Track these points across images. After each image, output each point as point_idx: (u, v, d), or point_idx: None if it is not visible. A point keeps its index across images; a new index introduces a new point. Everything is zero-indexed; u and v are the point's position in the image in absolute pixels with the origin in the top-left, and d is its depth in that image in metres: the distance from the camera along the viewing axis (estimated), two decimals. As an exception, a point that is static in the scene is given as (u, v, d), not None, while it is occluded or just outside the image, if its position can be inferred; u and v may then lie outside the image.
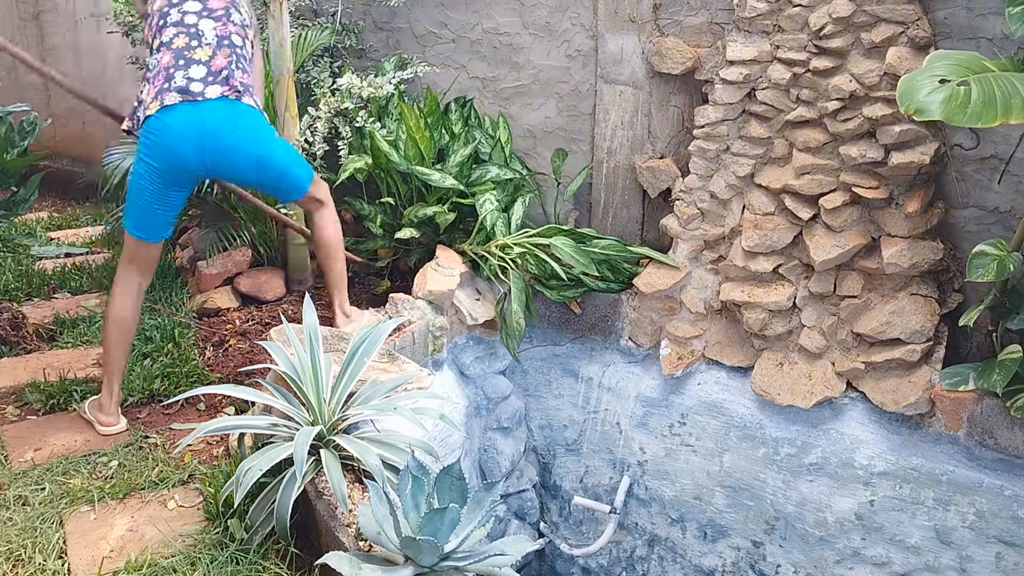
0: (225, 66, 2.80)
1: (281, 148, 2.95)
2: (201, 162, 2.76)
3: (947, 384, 2.96)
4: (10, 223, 4.81)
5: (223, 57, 2.81)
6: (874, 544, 3.15)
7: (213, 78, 2.77)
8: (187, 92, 2.72)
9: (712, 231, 3.40)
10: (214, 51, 2.81)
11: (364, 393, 2.48)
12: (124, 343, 2.90)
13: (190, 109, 2.71)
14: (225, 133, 2.75)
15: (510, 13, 3.83)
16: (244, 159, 2.82)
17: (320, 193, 3.08)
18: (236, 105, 2.79)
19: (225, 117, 2.76)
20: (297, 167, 3.00)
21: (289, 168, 2.97)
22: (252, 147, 2.82)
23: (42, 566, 2.23)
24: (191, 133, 2.71)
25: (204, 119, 2.72)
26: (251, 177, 2.95)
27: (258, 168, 2.87)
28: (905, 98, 2.44)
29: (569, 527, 3.92)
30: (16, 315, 3.59)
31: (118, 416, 2.91)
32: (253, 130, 2.83)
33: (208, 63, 2.78)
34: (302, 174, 3.01)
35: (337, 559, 1.97)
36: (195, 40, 2.81)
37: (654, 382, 3.58)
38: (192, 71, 2.76)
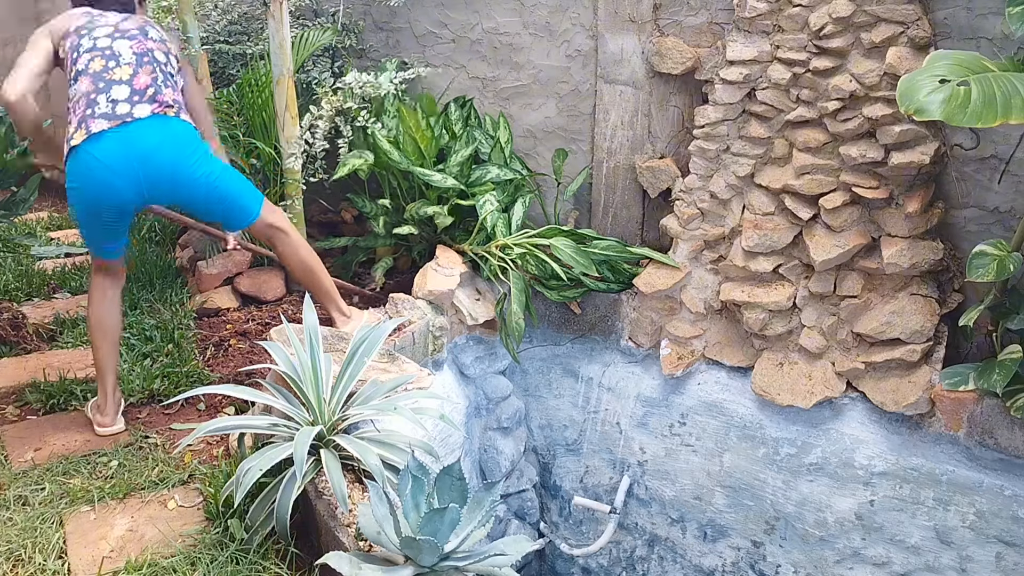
0: (150, 83, 2.66)
1: (224, 169, 2.81)
2: (138, 191, 2.62)
3: (947, 384, 2.96)
4: (10, 223, 4.81)
5: (146, 74, 2.66)
6: (874, 544, 3.15)
7: (139, 97, 2.62)
8: (113, 116, 2.57)
9: (712, 231, 3.40)
10: (135, 69, 2.66)
11: (364, 393, 2.48)
12: (108, 345, 2.86)
13: (119, 134, 2.56)
14: (160, 154, 2.60)
15: (510, 13, 3.83)
16: (183, 181, 2.67)
17: (276, 219, 2.92)
18: (165, 121, 2.64)
19: (158, 136, 2.61)
20: (243, 189, 2.85)
21: (234, 190, 2.81)
22: (190, 167, 2.67)
23: (42, 566, 2.23)
24: (122, 161, 2.56)
25: (135, 142, 2.57)
26: (193, 200, 2.79)
27: (197, 188, 2.71)
28: (905, 98, 2.44)
29: (569, 527, 3.92)
30: (16, 315, 3.59)
31: (115, 418, 2.89)
32: (190, 148, 2.68)
33: (130, 82, 2.63)
34: (249, 196, 2.86)
35: (337, 559, 1.97)
36: (112, 61, 2.66)
37: (654, 382, 3.58)
38: (115, 92, 2.61)
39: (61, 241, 4.90)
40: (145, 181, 2.61)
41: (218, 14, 4.19)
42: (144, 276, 3.96)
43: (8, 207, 4.23)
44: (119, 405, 2.94)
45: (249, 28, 4.26)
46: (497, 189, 3.67)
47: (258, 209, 2.88)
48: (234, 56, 4.19)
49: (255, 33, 4.21)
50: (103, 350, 2.86)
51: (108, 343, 2.86)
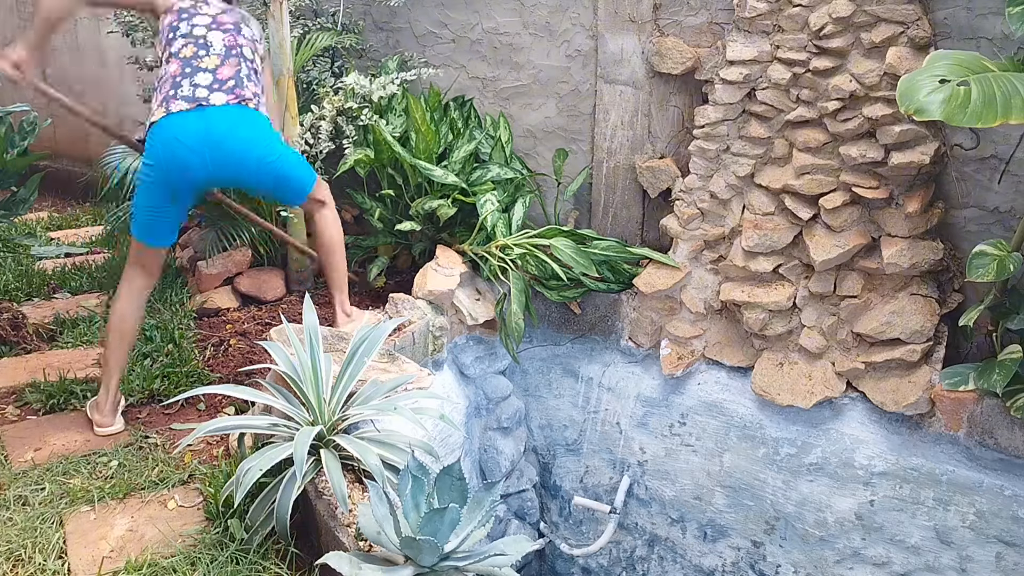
0: (232, 75, 2.82)
1: (286, 153, 2.96)
2: (205, 168, 2.75)
3: (947, 384, 2.96)
4: (10, 223, 4.81)
5: (230, 67, 2.83)
6: (874, 544, 3.15)
7: (219, 86, 2.78)
8: (192, 99, 2.73)
9: (712, 231, 3.40)
10: (222, 60, 2.83)
11: (364, 393, 2.48)
12: (125, 345, 2.90)
13: (195, 115, 2.72)
14: (230, 139, 2.75)
15: (510, 13, 3.83)
16: (249, 165, 2.83)
17: (321, 194, 3.09)
18: (242, 111, 2.80)
19: (230, 123, 2.76)
20: (301, 171, 3.01)
21: (293, 173, 2.97)
22: (257, 153, 2.83)
23: (42, 566, 2.23)
24: (196, 139, 2.71)
25: (209, 125, 2.72)
26: (255, 183, 2.97)
27: (263, 174, 2.88)
28: (905, 98, 2.44)
29: (569, 527, 3.92)
30: (16, 315, 3.59)
31: (114, 417, 2.90)
32: (259, 136, 2.83)
33: (214, 71, 2.80)
34: (305, 177, 3.02)
35: (337, 559, 1.97)
36: (203, 50, 2.83)
37: (654, 382, 3.58)
38: (198, 78, 2.78)
39: (61, 241, 4.90)
40: (212, 161, 2.74)
41: (218, 14, 4.18)
42: (144, 276, 3.96)
43: (8, 207, 4.24)
44: (118, 405, 2.94)
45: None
46: (497, 188, 3.67)
47: (311, 187, 3.03)
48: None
49: (255, 33, 4.21)
50: (121, 350, 2.89)
51: (124, 344, 2.89)
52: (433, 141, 3.66)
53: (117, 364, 2.89)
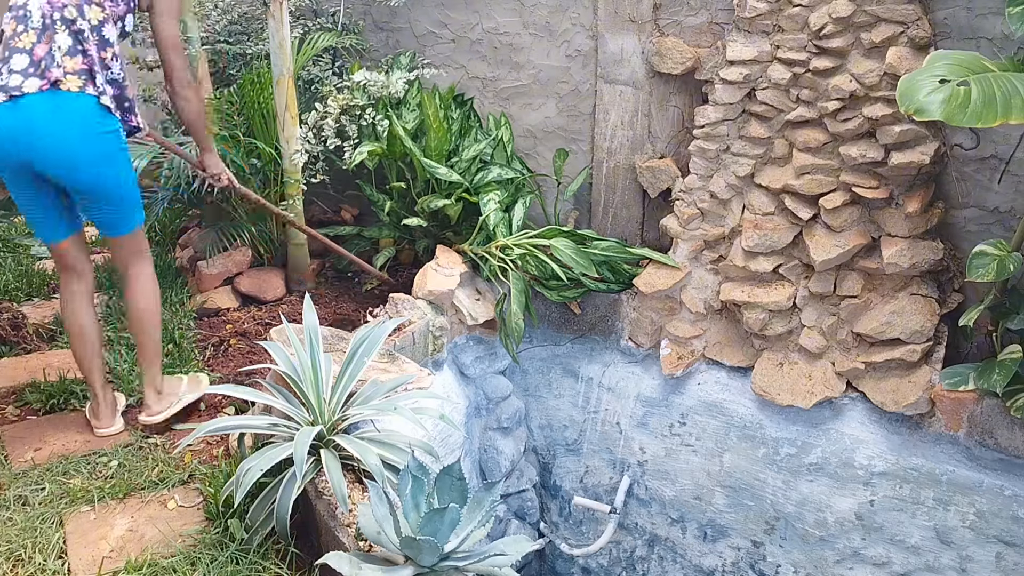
0: (45, 54, 2.47)
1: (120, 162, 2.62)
2: (31, 161, 2.50)
3: (947, 384, 2.96)
4: (10, 223, 4.81)
5: (46, 42, 2.48)
6: (874, 544, 3.14)
7: (34, 69, 2.46)
8: (6, 89, 2.45)
9: (712, 231, 3.40)
10: (39, 36, 2.48)
11: (364, 393, 2.48)
12: (84, 349, 2.76)
13: (10, 108, 2.45)
14: (41, 131, 2.46)
15: (510, 13, 3.83)
16: (72, 160, 2.51)
17: (145, 243, 2.76)
18: (54, 97, 2.46)
19: (42, 114, 2.46)
20: (134, 193, 2.68)
21: (125, 188, 2.63)
22: (76, 146, 2.50)
23: (42, 566, 2.23)
24: (11, 133, 2.46)
25: (21, 118, 2.45)
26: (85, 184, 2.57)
27: (89, 173, 2.54)
28: (905, 98, 2.44)
29: (569, 527, 3.92)
30: (16, 315, 3.59)
31: (112, 419, 2.85)
32: (76, 126, 2.49)
33: (31, 51, 2.48)
34: (136, 204, 2.69)
35: (337, 559, 1.97)
36: (21, 24, 2.50)
37: (654, 382, 3.58)
38: (14, 62, 2.48)
39: (61, 241, 4.89)
40: (34, 153, 2.49)
41: (218, 14, 4.19)
42: (144, 276, 3.96)
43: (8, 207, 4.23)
44: (114, 406, 2.89)
45: (249, 28, 4.26)
46: (499, 189, 3.67)
47: (139, 221, 2.71)
48: (234, 56, 4.19)
49: (255, 33, 4.21)
50: (85, 359, 2.78)
51: (84, 346, 2.76)
52: (444, 139, 3.67)
53: (91, 369, 2.79)
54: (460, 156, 3.71)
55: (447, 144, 3.70)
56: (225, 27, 4.23)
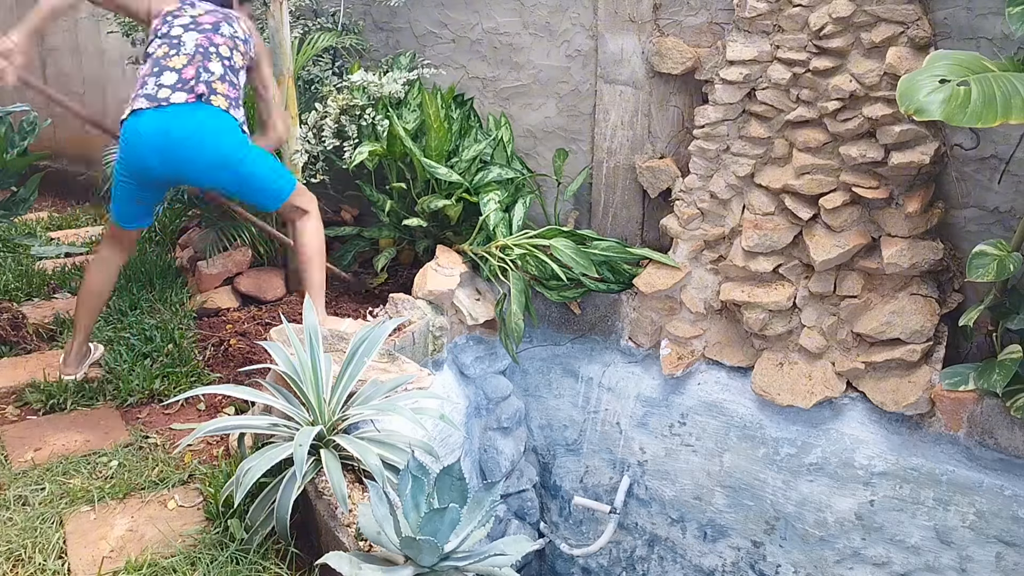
0: (194, 75, 2.84)
1: (255, 155, 2.96)
2: (165, 167, 2.83)
3: (947, 384, 2.96)
4: (10, 223, 4.81)
5: (194, 65, 2.86)
6: (874, 544, 3.15)
7: (182, 85, 2.82)
8: (154, 98, 2.79)
9: (712, 231, 3.40)
10: (190, 59, 2.86)
11: (364, 393, 2.48)
12: (92, 307, 3.10)
13: (154, 115, 2.78)
14: (186, 139, 2.79)
15: (510, 13, 3.83)
16: (210, 164, 2.86)
17: (302, 202, 3.09)
18: (201, 109, 2.82)
19: (188, 122, 2.79)
20: (274, 174, 3.02)
21: (265, 175, 2.98)
22: (218, 152, 2.85)
23: (42, 566, 2.23)
24: (154, 138, 2.77)
25: (166, 125, 2.77)
26: (223, 183, 3.00)
27: (228, 174, 2.91)
28: (905, 98, 2.44)
29: (569, 527, 3.92)
30: (16, 315, 3.59)
31: (76, 368, 3.13)
32: (217, 134, 2.84)
33: (180, 71, 2.84)
34: (279, 182, 3.02)
35: (337, 559, 1.97)
36: (173, 50, 2.88)
37: (654, 382, 3.58)
38: (164, 78, 2.83)
39: (61, 241, 4.90)
40: (172, 159, 2.81)
41: (218, 14, 4.18)
42: (144, 276, 3.96)
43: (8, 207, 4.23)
44: (84, 357, 3.17)
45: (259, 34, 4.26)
46: (499, 189, 3.67)
47: (288, 192, 3.04)
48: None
49: (255, 33, 4.21)
50: (85, 312, 3.10)
51: (93, 307, 3.11)
52: (445, 139, 3.67)
53: (85, 325, 3.11)
54: (460, 156, 3.71)
55: (447, 144, 3.70)
56: (225, 27, 4.22)
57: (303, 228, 3.10)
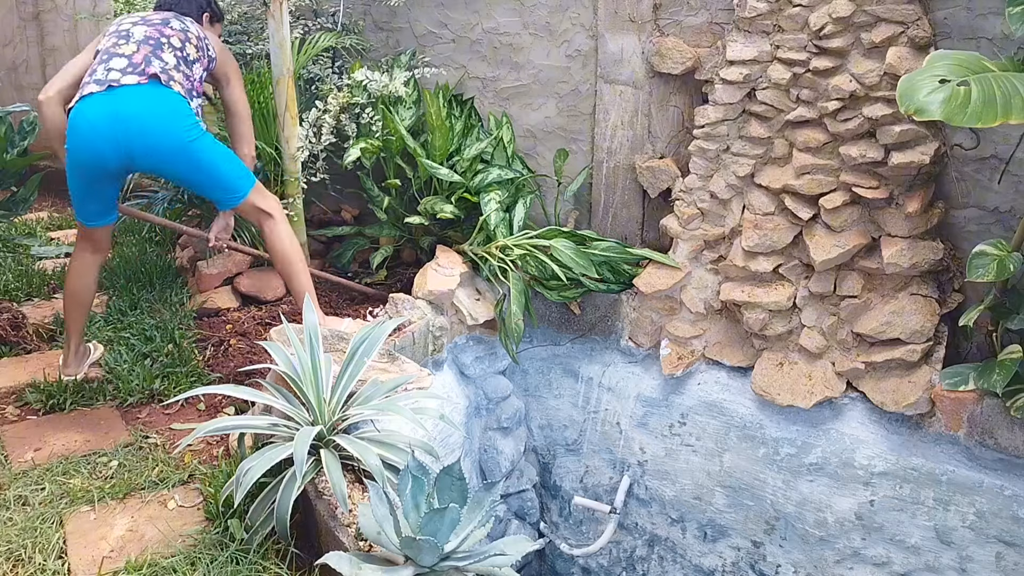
0: (143, 60, 2.80)
1: (210, 143, 2.89)
2: (115, 151, 2.74)
3: (947, 384, 2.96)
4: (10, 223, 4.81)
5: (144, 51, 2.83)
6: (874, 544, 3.15)
7: (132, 68, 2.77)
8: (104, 82, 2.74)
9: (712, 231, 3.40)
10: (138, 46, 2.84)
11: (364, 393, 2.48)
12: (78, 312, 3.09)
13: (103, 97, 2.71)
14: (137, 118, 2.71)
15: (510, 13, 3.83)
16: (162, 147, 2.77)
17: (266, 204, 3.00)
18: (152, 88, 2.76)
19: (137, 102, 2.73)
20: (231, 166, 2.95)
21: (221, 167, 2.90)
22: (170, 134, 2.76)
23: (42, 566, 2.23)
24: (103, 120, 2.70)
25: (115, 105, 2.71)
26: (177, 172, 2.90)
27: (182, 160, 2.81)
28: (905, 98, 2.44)
29: (569, 527, 3.92)
30: (16, 315, 3.59)
31: (77, 368, 3.14)
32: (170, 116, 2.76)
33: (130, 56, 2.81)
34: (237, 175, 2.95)
35: (337, 559, 1.97)
36: (122, 39, 2.87)
37: (654, 382, 3.58)
38: (113, 63, 2.79)
39: (61, 241, 4.90)
40: (127, 144, 2.73)
41: (218, 14, 4.19)
42: (144, 276, 3.96)
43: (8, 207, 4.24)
44: (84, 356, 3.19)
45: (249, 28, 4.27)
46: (499, 188, 3.67)
47: (246, 190, 2.95)
48: (234, 56, 4.19)
49: (255, 33, 4.22)
50: (73, 315, 3.09)
51: (79, 310, 3.09)
52: (447, 137, 3.67)
53: (75, 326, 3.11)
54: (462, 155, 3.71)
55: (450, 144, 3.71)
56: (225, 27, 4.23)
57: (273, 233, 3.00)
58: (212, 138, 2.91)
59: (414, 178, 3.81)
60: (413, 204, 3.80)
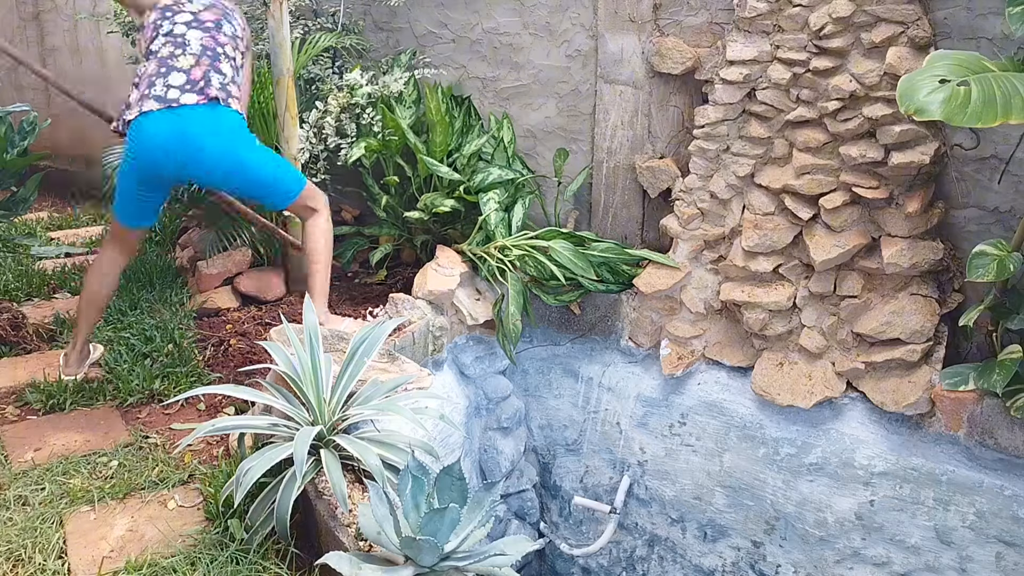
0: (202, 76, 2.87)
1: (262, 154, 2.98)
2: (175, 167, 2.85)
3: (947, 384, 2.96)
4: (10, 223, 4.81)
5: (203, 67, 2.89)
6: (874, 544, 3.15)
7: (191, 87, 2.84)
8: (164, 99, 2.80)
9: (712, 231, 3.40)
10: (197, 60, 2.89)
11: (364, 393, 2.48)
12: (93, 310, 3.13)
13: (165, 116, 2.80)
14: (197, 138, 2.81)
15: (510, 13, 3.83)
16: (220, 164, 2.88)
17: (312, 201, 3.09)
18: (212, 110, 2.84)
19: (198, 123, 2.82)
20: (282, 173, 3.03)
21: (273, 174, 2.99)
22: (227, 152, 2.87)
23: (42, 566, 2.23)
24: (165, 139, 2.79)
25: (177, 125, 2.80)
26: (231, 183, 3.02)
27: (236, 173, 2.92)
28: (905, 98, 2.44)
29: (569, 527, 3.92)
30: (16, 315, 3.59)
31: (78, 368, 3.14)
32: (228, 135, 2.87)
33: (188, 71, 2.87)
34: (288, 180, 3.03)
35: (337, 559, 1.97)
36: (179, 49, 2.90)
37: (654, 382, 3.58)
38: (172, 79, 2.85)
39: (61, 241, 4.90)
40: (182, 159, 2.83)
41: (218, 14, 4.18)
42: (144, 276, 3.96)
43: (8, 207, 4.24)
44: (85, 357, 3.19)
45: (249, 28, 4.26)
46: (499, 188, 3.67)
47: (297, 192, 3.05)
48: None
49: (255, 33, 4.21)
50: (87, 314, 3.12)
51: (93, 308, 3.12)
52: (447, 133, 3.68)
53: (87, 325, 3.13)
54: (461, 152, 3.72)
55: (450, 141, 3.71)
56: (225, 27, 4.23)
57: (312, 227, 3.10)
58: (262, 147, 3.01)
59: (413, 177, 3.81)
60: (412, 203, 3.80)
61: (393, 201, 3.85)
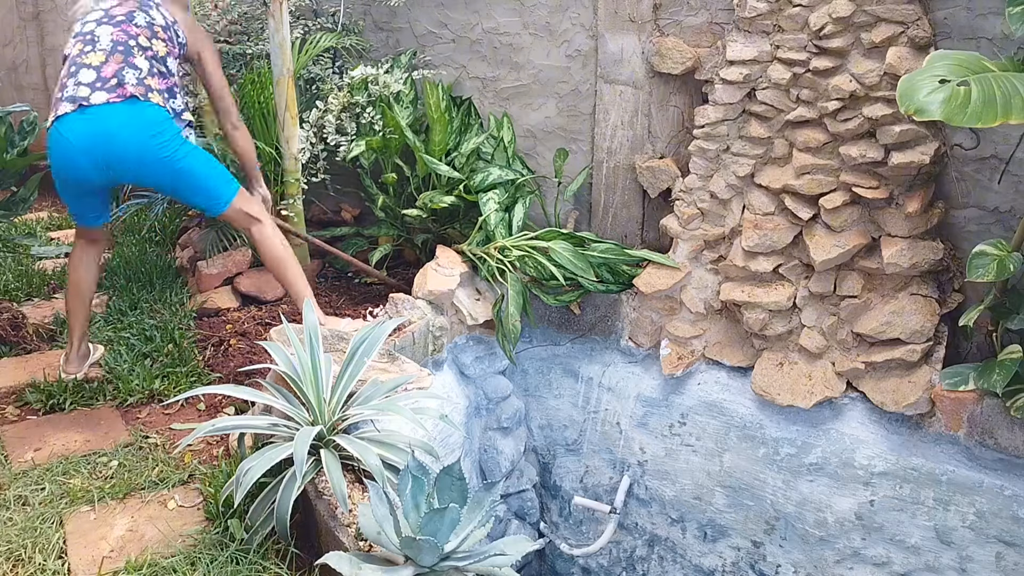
0: (114, 74, 2.76)
1: (191, 152, 2.89)
2: (100, 168, 2.77)
3: (947, 384, 2.96)
4: (10, 223, 4.81)
5: (115, 63, 2.77)
6: (874, 544, 3.15)
7: (102, 84, 2.74)
8: (75, 99, 2.72)
9: (712, 231, 3.40)
10: (107, 56, 2.78)
11: (364, 393, 2.48)
12: (79, 304, 3.09)
13: (77, 118, 2.71)
14: (114, 137, 2.72)
15: (510, 13, 3.83)
16: (143, 162, 2.78)
17: (251, 208, 3.01)
18: (130, 106, 2.74)
19: (113, 121, 2.72)
20: (214, 174, 2.94)
21: (203, 174, 2.90)
22: (149, 149, 2.77)
23: (42, 566, 2.23)
24: (82, 141, 2.72)
25: (92, 126, 2.71)
26: (160, 183, 2.94)
27: (163, 172, 2.83)
28: (905, 98, 2.44)
29: (569, 527, 3.92)
30: (16, 315, 3.59)
31: (79, 367, 3.14)
32: (148, 131, 2.76)
33: (99, 68, 2.76)
34: (220, 181, 2.95)
35: (337, 559, 1.97)
36: (88, 46, 2.81)
37: (654, 382, 3.58)
38: (82, 75, 2.75)
39: (61, 241, 4.90)
40: (106, 161, 2.77)
41: (218, 14, 4.19)
42: (144, 276, 3.96)
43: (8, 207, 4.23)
44: (85, 357, 3.17)
45: (249, 28, 4.27)
46: (499, 189, 3.67)
47: (230, 195, 2.95)
48: (234, 56, 4.19)
49: (255, 33, 4.22)
50: (75, 308, 3.10)
51: (80, 302, 3.10)
52: (446, 131, 3.68)
53: (78, 322, 3.11)
54: (460, 151, 3.72)
55: (449, 139, 3.71)
56: (225, 27, 4.23)
57: (262, 237, 3.01)
58: (193, 146, 2.91)
59: (411, 176, 3.81)
60: (411, 202, 3.80)
61: (390, 201, 3.85)
